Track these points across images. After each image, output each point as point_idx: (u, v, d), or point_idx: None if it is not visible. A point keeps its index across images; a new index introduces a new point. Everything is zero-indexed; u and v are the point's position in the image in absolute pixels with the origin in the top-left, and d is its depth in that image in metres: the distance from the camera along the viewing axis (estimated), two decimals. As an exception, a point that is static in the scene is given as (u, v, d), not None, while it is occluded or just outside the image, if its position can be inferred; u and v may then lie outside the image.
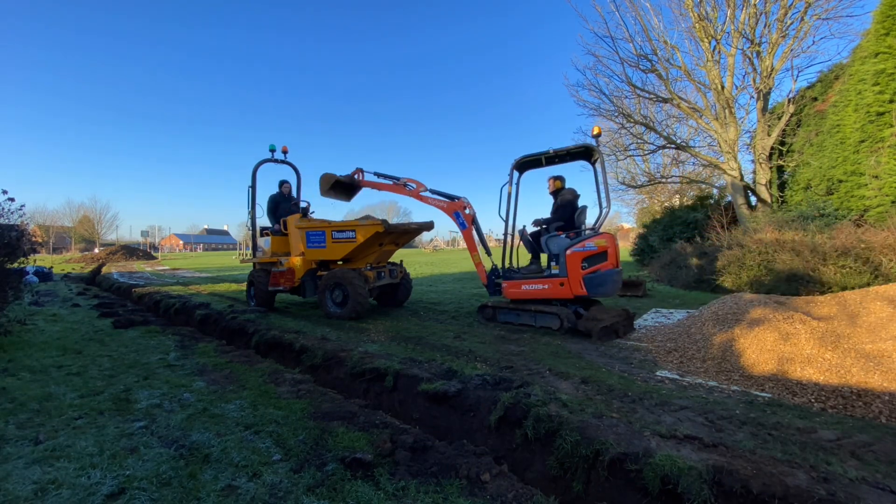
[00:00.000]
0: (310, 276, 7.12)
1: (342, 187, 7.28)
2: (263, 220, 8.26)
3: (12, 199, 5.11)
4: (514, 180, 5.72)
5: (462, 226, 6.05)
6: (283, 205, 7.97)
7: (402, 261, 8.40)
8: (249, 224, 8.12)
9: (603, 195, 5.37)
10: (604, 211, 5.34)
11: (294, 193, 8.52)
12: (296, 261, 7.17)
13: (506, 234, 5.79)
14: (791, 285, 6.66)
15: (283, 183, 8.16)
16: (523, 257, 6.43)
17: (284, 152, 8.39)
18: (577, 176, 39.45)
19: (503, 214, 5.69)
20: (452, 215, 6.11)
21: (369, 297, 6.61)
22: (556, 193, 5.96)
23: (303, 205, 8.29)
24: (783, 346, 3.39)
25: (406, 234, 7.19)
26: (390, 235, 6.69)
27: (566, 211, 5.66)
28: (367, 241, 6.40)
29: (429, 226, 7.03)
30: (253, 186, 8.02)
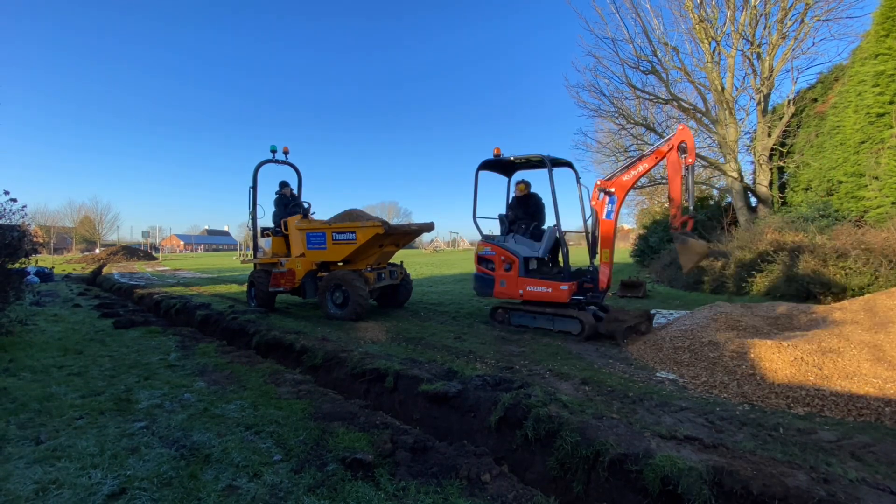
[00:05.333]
0: (310, 277, 7.12)
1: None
2: (264, 221, 8.27)
3: (14, 200, 5.13)
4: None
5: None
6: (292, 203, 7.99)
7: (402, 262, 8.40)
8: (250, 225, 8.12)
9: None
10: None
11: (295, 194, 8.52)
12: (296, 262, 7.18)
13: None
14: (792, 286, 6.67)
15: (284, 185, 8.16)
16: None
17: (286, 153, 8.40)
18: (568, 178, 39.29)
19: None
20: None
21: (369, 298, 6.61)
22: (524, 197, 6.25)
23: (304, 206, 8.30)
24: (786, 350, 3.39)
25: (406, 235, 7.19)
26: (390, 237, 6.69)
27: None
28: (367, 243, 6.40)
29: (429, 227, 7.03)
30: (254, 187, 8.03)
